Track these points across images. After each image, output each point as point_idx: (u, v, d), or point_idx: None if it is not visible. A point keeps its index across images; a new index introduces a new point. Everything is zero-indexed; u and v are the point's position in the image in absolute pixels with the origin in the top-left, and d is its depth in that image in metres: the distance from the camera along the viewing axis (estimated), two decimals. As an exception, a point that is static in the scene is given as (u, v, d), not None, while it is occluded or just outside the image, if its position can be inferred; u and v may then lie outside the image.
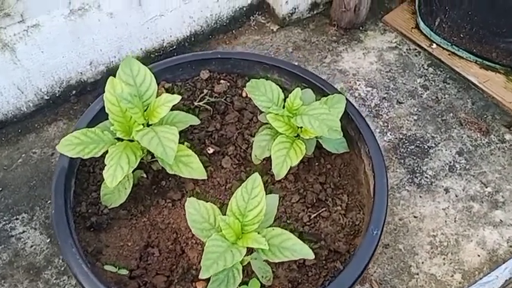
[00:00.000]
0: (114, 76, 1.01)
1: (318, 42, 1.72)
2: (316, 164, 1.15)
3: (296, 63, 1.65)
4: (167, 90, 1.23)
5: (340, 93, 1.15)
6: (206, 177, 0.99)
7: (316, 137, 1.09)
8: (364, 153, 1.11)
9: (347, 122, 1.15)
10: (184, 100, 1.22)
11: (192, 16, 1.62)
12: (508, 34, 1.51)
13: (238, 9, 1.71)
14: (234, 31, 1.74)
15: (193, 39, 1.68)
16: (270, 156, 1.04)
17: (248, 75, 1.27)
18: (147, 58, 1.61)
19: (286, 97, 1.10)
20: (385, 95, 1.58)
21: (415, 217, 1.33)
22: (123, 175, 0.90)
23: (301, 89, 1.15)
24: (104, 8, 1.42)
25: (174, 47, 1.65)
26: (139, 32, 1.54)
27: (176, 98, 0.98)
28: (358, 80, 1.62)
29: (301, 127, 1.06)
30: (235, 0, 1.68)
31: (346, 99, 1.14)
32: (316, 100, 1.14)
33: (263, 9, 1.77)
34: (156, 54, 1.62)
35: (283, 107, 1.09)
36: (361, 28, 1.75)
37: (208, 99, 1.22)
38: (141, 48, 1.58)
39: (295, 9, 1.71)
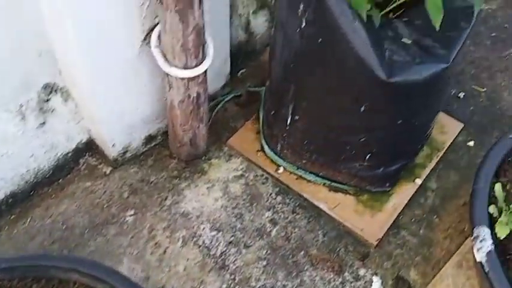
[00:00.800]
0: None
1: (157, 180, 1.56)
2: None
3: (132, 212, 1.49)
4: None
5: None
6: None
7: None
8: None
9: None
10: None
11: (3, 178, 1.41)
12: (347, 161, 1.42)
13: (61, 156, 1.52)
14: (61, 180, 1.54)
15: (10, 200, 1.46)
16: None
17: (45, 277, 1.08)
18: (-48, 236, 1.38)
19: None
20: (232, 238, 1.44)
21: None
22: None
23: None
24: None
25: (-13, 214, 1.43)
26: None
27: None
28: (202, 223, 1.47)
29: None
30: (56, 148, 1.49)
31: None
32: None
33: (93, 150, 1.59)
34: (-36, 228, 1.40)
35: None
36: (204, 157, 1.61)
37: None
38: None
39: (127, 148, 1.55)
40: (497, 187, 1.20)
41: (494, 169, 1.24)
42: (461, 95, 1.77)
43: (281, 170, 1.57)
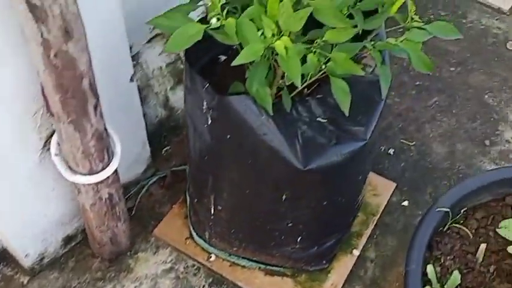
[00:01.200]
0: None
1: (80, 286, 1.43)
2: None
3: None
4: None
5: None
6: None
7: None
8: None
9: None
10: None
11: None
12: (278, 246, 1.35)
13: (-31, 273, 1.39)
14: (-28, 299, 1.40)
15: None
16: None
17: None
18: None
19: None
20: None
21: None
22: None
23: None
24: None
25: None
26: None
27: None
28: (131, 331, 1.35)
29: None
30: (-39, 266, 1.36)
31: None
32: None
33: (7, 259, 1.46)
34: None
35: None
36: (130, 252, 1.50)
37: None
38: None
39: (43, 254, 1.42)
40: (429, 269, 1.15)
41: (424, 247, 1.19)
42: (391, 151, 1.74)
43: (213, 257, 1.47)
